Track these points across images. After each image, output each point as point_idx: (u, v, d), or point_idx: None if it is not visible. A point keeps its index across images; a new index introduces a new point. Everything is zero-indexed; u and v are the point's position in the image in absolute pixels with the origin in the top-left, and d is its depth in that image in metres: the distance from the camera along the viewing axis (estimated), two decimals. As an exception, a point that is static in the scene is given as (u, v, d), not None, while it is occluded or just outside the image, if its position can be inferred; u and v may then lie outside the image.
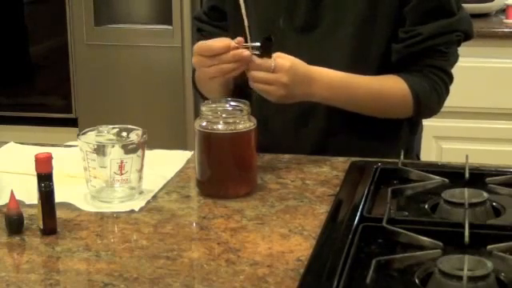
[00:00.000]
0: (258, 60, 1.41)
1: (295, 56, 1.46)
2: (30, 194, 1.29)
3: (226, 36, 1.45)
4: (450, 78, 1.61)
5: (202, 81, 1.61)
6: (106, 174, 1.31)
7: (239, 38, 1.41)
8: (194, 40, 1.74)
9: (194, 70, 1.68)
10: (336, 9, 1.55)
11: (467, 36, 1.60)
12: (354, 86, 1.52)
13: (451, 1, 1.55)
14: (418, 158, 1.75)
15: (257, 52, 1.41)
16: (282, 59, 1.42)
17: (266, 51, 1.42)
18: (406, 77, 1.56)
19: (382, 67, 1.57)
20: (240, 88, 1.60)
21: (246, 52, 1.40)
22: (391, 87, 1.55)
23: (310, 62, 1.48)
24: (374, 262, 1.00)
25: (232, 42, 1.40)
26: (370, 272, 0.98)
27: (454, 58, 1.61)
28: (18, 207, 1.22)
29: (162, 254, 1.14)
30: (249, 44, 1.41)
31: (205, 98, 1.70)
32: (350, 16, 1.54)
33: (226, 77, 1.44)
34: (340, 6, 1.55)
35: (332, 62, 1.52)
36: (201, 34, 1.70)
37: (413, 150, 1.69)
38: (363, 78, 1.53)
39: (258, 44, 1.41)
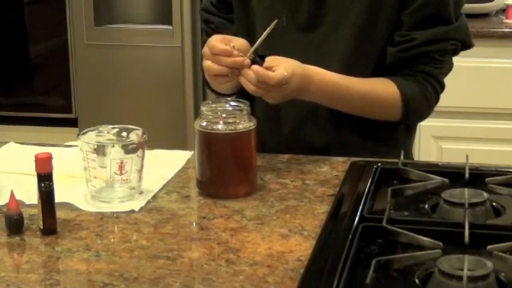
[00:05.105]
0: (270, 73, 1.39)
1: (296, 54, 1.46)
2: (29, 194, 1.29)
3: (233, 28, 1.43)
4: (442, 86, 1.61)
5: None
6: (106, 174, 1.31)
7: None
8: (202, 31, 1.73)
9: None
10: (339, 9, 1.55)
11: (465, 45, 1.59)
12: (344, 87, 1.52)
13: (449, 9, 1.54)
14: (412, 158, 1.75)
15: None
16: (283, 66, 1.41)
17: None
18: (398, 80, 1.56)
19: (379, 68, 1.57)
20: None
21: (247, 61, 1.39)
22: (382, 90, 1.55)
23: (310, 61, 1.48)
24: (373, 262, 1.00)
25: (235, 51, 1.40)
26: (370, 272, 0.98)
27: (448, 67, 1.61)
28: (18, 207, 1.22)
29: (161, 254, 1.14)
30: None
31: (216, 93, 1.70)
32: (351, 17, 1.54)
33: (226, 80, 1.44)
34: (342, 7, 1.55)
35: (331, 61, 1.52)
36: (208, 25, 1.69)
37: (407, 150, 1.69)
38: (354, 80, 1.53)
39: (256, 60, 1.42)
